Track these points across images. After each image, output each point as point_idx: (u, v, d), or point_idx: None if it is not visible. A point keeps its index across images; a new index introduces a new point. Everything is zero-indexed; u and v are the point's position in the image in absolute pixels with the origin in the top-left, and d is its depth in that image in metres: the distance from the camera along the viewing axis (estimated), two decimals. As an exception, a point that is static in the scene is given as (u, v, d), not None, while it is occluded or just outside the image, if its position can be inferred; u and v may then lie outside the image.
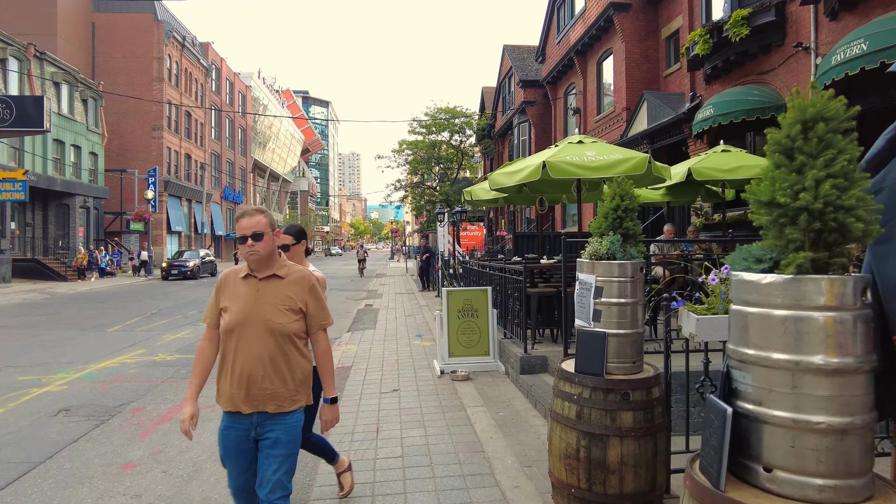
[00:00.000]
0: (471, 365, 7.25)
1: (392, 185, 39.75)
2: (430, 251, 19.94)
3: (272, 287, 2.69)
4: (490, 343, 7.32)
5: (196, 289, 23.20)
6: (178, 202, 42.96)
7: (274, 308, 2.64)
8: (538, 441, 4.79)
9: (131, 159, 38.55)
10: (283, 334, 2.64)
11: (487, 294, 7.40)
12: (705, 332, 3.26)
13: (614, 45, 17.95)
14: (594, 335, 3.21)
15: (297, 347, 2.71)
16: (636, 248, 3.33)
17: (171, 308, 16.19)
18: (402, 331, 11.10)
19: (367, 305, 15.83)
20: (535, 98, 27.17)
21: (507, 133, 32.98)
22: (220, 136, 52.63)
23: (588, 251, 3.34)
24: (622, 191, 3.42)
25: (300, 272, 2.77)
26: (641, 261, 3.33)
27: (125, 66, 38.90)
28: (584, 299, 3.32)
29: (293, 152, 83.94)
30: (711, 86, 12.57)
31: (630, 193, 3.43)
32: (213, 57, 50.67)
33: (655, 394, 3.21)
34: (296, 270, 2.77)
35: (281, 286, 2.70)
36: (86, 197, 31.18)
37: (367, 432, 5.14)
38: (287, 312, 2.66)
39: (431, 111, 36.19)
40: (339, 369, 7.82)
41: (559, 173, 6.40)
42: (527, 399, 5.99)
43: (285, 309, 2.66)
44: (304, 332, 2.74)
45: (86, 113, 32.34)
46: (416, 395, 6.32)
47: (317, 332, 2.79)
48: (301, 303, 2.71)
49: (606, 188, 4.93)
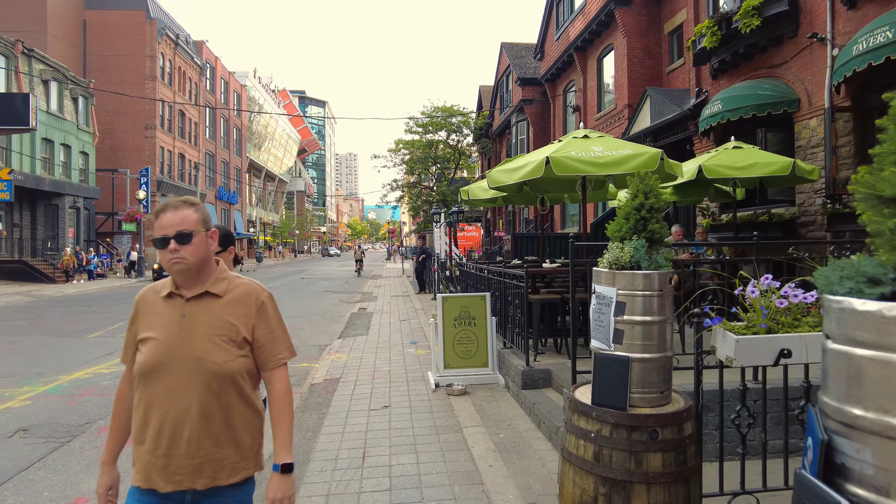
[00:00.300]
0: (468, 377, 6.73)
1: (388, 185, 39.23)
2: (427, 252, 19.42)
3: (205, 309, 1.96)
4: (489, 354, 6.79)
5: (187, 291, 22.62)
6: (172, 202, 42.32)
7: (207, 340, 1.92)
8: (543, 470, 4.27)
9: (124, 159, 37.92)
10: (222, 377, 1.92)
11: (486, 301, 6.87)
12: (746, 356, 2.74)
13: (615, 41, 17.44)
14: (615, 360, 2.68)
15: (243, 394, 1.98)
16: (664, 256, 2.81)
17: (157, 312, 15.61)
18: (396, 337, 10.57)
19: (361, 309, 15.29)
20: (534, 96, 26.66)
21: (505, 132, 32.47)
22: (214, 135, 52.03)
23: (607, 259, 2.81)
24: (646, 187, 2.89)
25: (245, 287, 2.06)
26: (670, 270, 2.80)
27: (117, 64, 38.26)
28: (602, 316, 2.79)
29: (289, 152, 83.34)
30: (718, 81, 12.06)
31: (655, 190, 2.91)
32: (207, 55, 50.05)
33: (688, 430, 2.68)
34: (239, 285, 2.06)
35: (217, 308, 1.97)
36: (76, 197, 30.57)
37: (353, 458, 4.60)
38: (226, 346, 1.94)
39: (428, 110, 35.70)
40: (327, 381, 7.28)
41: (564, 170, 5.87)
42: (529, 418, 5.46)
43: (224, 340, 1.94)
44: (252, 371, 2.02)
45: (76, 111, 31.73)
46: (409, 413, 5.79)
47: (272, 369, 2.05)
48: (247, 330, 1.99)
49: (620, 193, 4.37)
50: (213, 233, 2.06)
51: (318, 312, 15.27)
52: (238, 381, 1.96)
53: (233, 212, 56.81)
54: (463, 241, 34.68)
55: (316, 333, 11.79)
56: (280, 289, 23.41)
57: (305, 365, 8.77)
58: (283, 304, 17.02)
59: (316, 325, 12.85)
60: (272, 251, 73.51)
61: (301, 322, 13.40)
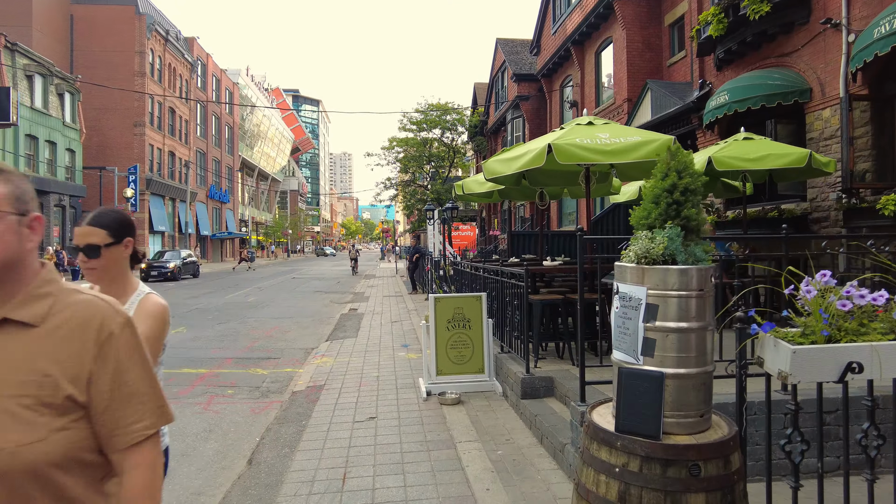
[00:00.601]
0: (462, 384, 6.20)
1: (382, 184, 38.68)
2: (420, 251, 18.89)
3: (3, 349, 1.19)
4: (485, 359, 6.26)
5: (175, 291, 22.01)
6: (161, 201, 41.63)
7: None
8: (547, 494, 3.74)
9: (112, 157, 37.23)
10: (20, 474, 1.13)
11: (481, 301, 6.34)
12: (804, 370, 2.22)
13: (614, 34, 16.96)
14: (645, 377, 2.15)
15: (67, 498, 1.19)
16: (702, 248, 2.28)
17: (140, 313, 15.01)
18: (387, 340, 10.02)
19: (352, 310, 14.74)
20: (530, 92, 26.16)
21: (500, 129, 31.96)
22: (205, 133, 51.31)
23: (634, 251, 2.28)
24: (679, 164, 2.37)
25: (83, 309, 1.27)
26: (711, 265, 2.28)
27: (105, 60, 37.54)
28: (627, 322, 2.26)
29: (283, 151, 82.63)
30: (723, 72, 11.58)
31: (690, 168, 2.39)
32: (198, 52, 49.35)
33: (735, 464, 2.16)
34: (72, 305, 1.27)
35: (25, 346, 1.20)
36: (61, 195, 29.86)
37: (332, 480, 4.07)
38: (33, 414, 1.15)
39: (422, 107, 35.18)
40: (310, 389, 6.74)
41: (567, 158, 5.35)
42: (530, 431, 4.93)
43: (28, 405, 1.15)
44: (86, 453, 1.22)
45: (62, 108, 31.02)
46: (397, 425, 5.25)
47: (123, 450, 1.25)
48: (75, 383, 1.20)
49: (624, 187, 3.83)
50: (33, 219, 1.26)
51: (306, 313, 14.71)
52: (55, 479, 1.16)
53: (224, 211, 56.11)
54: (458, 241, 34.14)
55: (303, 336, 11.23)
56: (270, 289, 22.82)
57: (289, 370, 8.22)
58: (271, 306, 16.47)
59: (303, 327, 12.29)
60: (265, 251, 72.78)
61: (288, 324, 12.83)
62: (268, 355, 9.32)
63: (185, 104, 46.37)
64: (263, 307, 16.21)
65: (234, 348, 9.95)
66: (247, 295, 20.19)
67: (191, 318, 13.95)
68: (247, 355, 9.34)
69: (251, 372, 8.14)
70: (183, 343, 10.37)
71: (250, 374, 8.03)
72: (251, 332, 11.61)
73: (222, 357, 9.16)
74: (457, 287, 10.25)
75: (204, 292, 21.38)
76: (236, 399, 6.72)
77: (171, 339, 8.81)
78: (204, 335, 11.30)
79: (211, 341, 10.60)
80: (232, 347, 10.03)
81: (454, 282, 10.62)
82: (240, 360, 8.98)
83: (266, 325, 12.71)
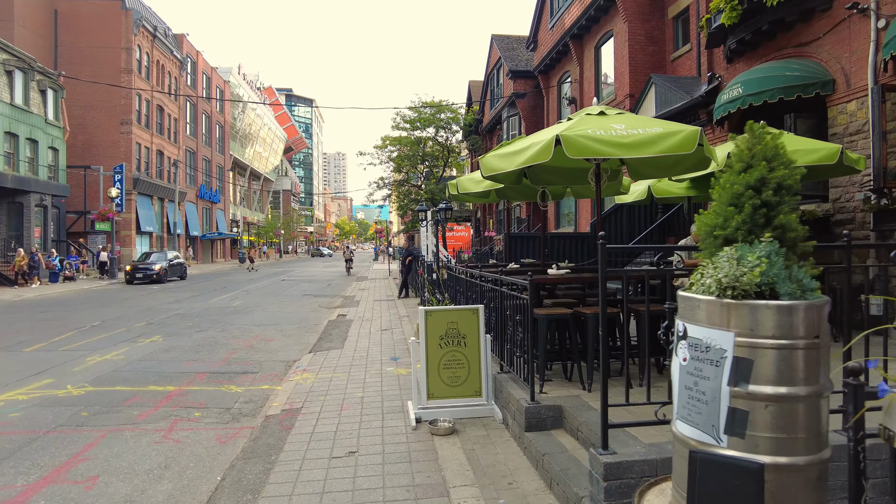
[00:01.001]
0: (457, 409, 5.46)
1: (375, 183, 37.87)
2: (413, 253, 18.14)
3: None
4: (482, 380, 5.53)
5: (158, 294, 21.18)
6: (149, 201, 40.71)
7: None
8: (563, 566, 3.02)
9: (98, 155, 36.28)
10: None
11: (478, 315, 5.61)
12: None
13: (615, 27, 16.27)
14: (735, 469, 1.43)
15: None
16: (808, 272, 1.56)
17: (117, 319, 14.22)
18: (375, 351, 9.28)
19: (340, 316, 13.98)
20: (526, 89, 25.46)
21: (496, 128, 31.26)
22: (195, 132, 50.36)
23: (713, 277, 1.55)
24: (766, 149, 1.65)
25: None
26: (825, 298, 1.55)
27: (91, 57, 36.60)
28: (702, 382, 1.54)
29: (275, 151, 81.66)
30: (734, 64, 10.90)
31: (782, 155, 1.66)
32: (188, 49, 48.40)
33: None
34: None
35: None
36: (43, 195, 28.92)
37: (297, 543, 3.33)
38: None
39: (416, 105, 34.38)
40: (285, 413, 5.99)
41: (578, 152, 4.63)
42: (537, 473, 4.20)
43: None
44: None
45: (44, 105, 30.07)
46: (381, 463, 4.51)
47: None
48: None
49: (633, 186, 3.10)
50: None
51: (292, 320, 13.93)
52: None
53: (215, 211, 55.17)
54: (452, 242, 33.42)
55: (286, 345, 10.47)
56: (257, 292, 22.02)
57: (266, 387, 7.47)
58: (256, 311, 15.68)
59: (287, 336, 11.53)
60: (257, 251, 71.82)
61: (271, 332, 12.06)
62: (245, 369, 8.56)
63: (175, 102, 45.44)
64: (248, 313, 15.42)
65: (210, 361, 9.18)
66: (232, 299, 19.39)
67: (169, 325, 13.16)
68: (223, 369, 8.57)
69: (224, 389, 7.38)
70: (155, 355, 9.60)
71: (223, 391, 7.27)
72: (231, 342, 10.84)
73: (195, 371, 8.39)
74: (451, 294, 9.51)
75: (188, 296, 20.56)
76: (203, 423, 5.97)
77: (144, 351, 8.12)
78: (180, 345, 10.52)
79: (186, 353, 9.82)
80: (208, 360, 9.26)
81: (448, 288, 9.88)
82: (214, 374, 8.22)
83: (248, 333, 11.94)
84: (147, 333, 11.92)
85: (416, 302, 16.22)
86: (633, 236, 12.94)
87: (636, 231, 12.92)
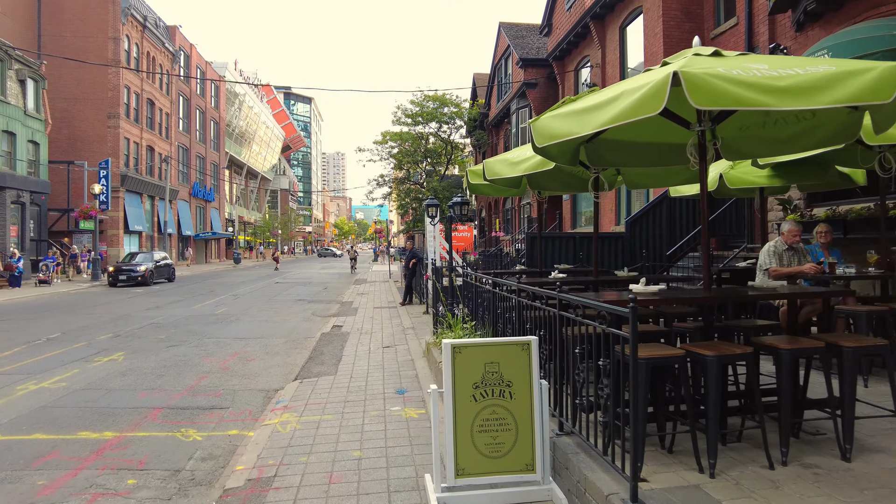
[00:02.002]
0: (500, 493, 3.70)
1: (375, 181, 36.06)
2: (417, 255, 16.38)
3: None
4: (536, 448, 3.76)
5: (139, 299, 19.40)
6: (139, 199, 38.91)
7: None
8: None
9: (84, 150, 34.51)
10: None
11: (530, 352, 3.84)
12: None
13: (644, 2, 14.53)
14: None
15: None
16: None
17: (81, 330, 12.45)
18: (376, 378, 7.50)
19: (336, 327, 12.21)
20: (537, 78, 23.72)
21: (503, 121, 29.50)
22: (188, 128, 48.55)
23: None
24: None
25: None
26: None
27: (76, 47, 34.79)
28: None
29: (273, 149, 79.90)
30: (806, 32, 9.15)
31: None
32: (180, 42, 46.60)
33: None
34: None
35: None
36: (20, 191, 27.10)
37: None
38: None
39: (418, 99, 32.59)
40: (250, 487, 4.21)
41: (708, 99, 2.87)
42: None
43: None
44: None
45: (23, 95, 28.25)
46: None
47: None
48: None
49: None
50: None
51: (280, 332, 12.16)
52: None
53: (209, 210, 53.36)
54: (455, 243, 31.68)
55: (268, 367, 8.71)
56: (247, 296, 20.23)
57: (234, 433, 5.71)
58: (241, 320, 13.90)
59: (272, 354, 9.76)
60: (253, 251, 69.99)
61: (254, 348, 10.29)
62: (213, 403, 6.79)
63: (167, 96, 43.65)
64: (231, 322, 13.65)
65: (173, 389, 7.41)
66: (217, 304, 17.60)
67: (139, 338, 11.39)
68: (185, 402, 6.81)
69: (180, 436, 5.62)
70: (107, 381, 7.82)
71: (177, 440, 5.51)
72: (204, 362, 9.07)
73: (149, 406, 6.62)
74: (469, 309, 7.74)
75: (171, 301, 18.78)
76: (133, 501, 4.20)
77: (95, 374, 5.77)
78: (142, 366, 8.75)
79: (146, 377, 8.05)
80: (170, 387, 7.49)
81: (466, 301, 8.11)
82: (172, 411, 6.45)
83: (226, 349, 10.17)
84: (109, 349, 10.15)
85: (422, 310, 14.46)
86: (676, 238, 11.18)
87: (680, 231, 11.15)
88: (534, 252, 10.79)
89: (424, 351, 8.75)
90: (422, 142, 33.55)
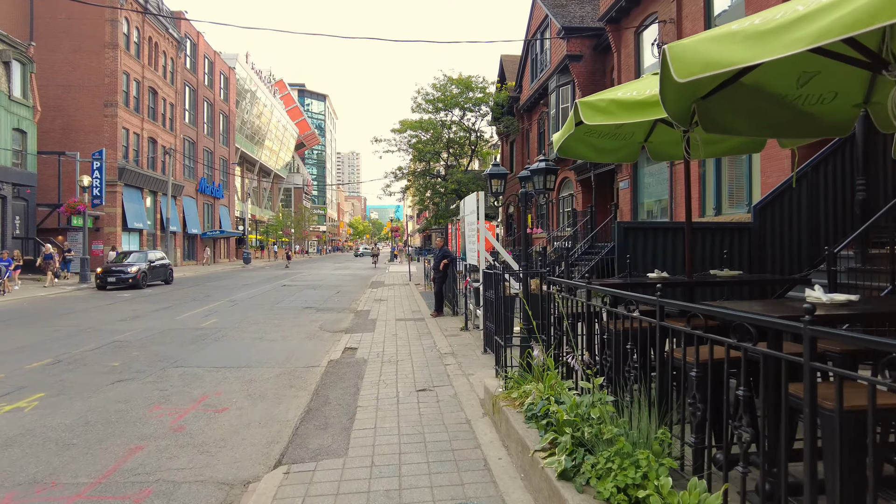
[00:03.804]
0: None
1: (392, 174, 32.96)
2: (450, 256, 13.27)
3: None
4: None
5: (119, 306, 16.50)
6: (139, 194, 36.22)
7: None
8: None
9: (78, 141, 31.88)
10: None
11: None
12: None
13: (746, -71, 11.25)
14: None
15: None
16: None
17: (14, 352, 9.53)
18: (416, 468, 4.37)
19: (348, 350, 9.12)
20: (582, 51, 20.48)
21: (539, 104, 26.28)
22: (195, 120, 45.88)
23: None
24: None
25: None
26: None
27: (71, 29, 32.24)
28: None
29: (286, 146, 77.30)
30: None
31: None
32: (186, 29, 43.94)
33: None
34: None
35: None
36: (2, 183, 24.45)
37: None
38: None
39: (441, 83, 29.44)
40: None
41: None
42: None
43: None
44: None
45: (8, 79, 25.65)
46: None
47: None
48: None
49: None
50: None
51: (274, 357, 9.09)
52: None
53: (218, 207, 50.67)
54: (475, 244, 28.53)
55: (244, 426, 5.63)
56: (245, 302, 17.23)
57: None
58: (228, 337, 10.73)
59: (254, 398, 6.68)
60: (265, 251, 67.39)
61: (232, 385, 7.22)
62: (122, 522, 3.72)
63: (171, 86, 40.99)
64: (215, 340, 10.61)
65: (70, 481, 4.36)
66: (208, 313, 14.60)
67: (83, 365, 8.40)
68: (73, 519, 3.74)
69: None
70: (-25, 456, 4.79)
71: None
72: (148, 416, 6.01)
73: (2, 531, 3.57)
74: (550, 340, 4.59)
75: (155, 308, 15.84)
76: None
77: None
78: (52, 423, 5.73)
79: (43, 448, 5.02)
80: (67, 477, 4.44)
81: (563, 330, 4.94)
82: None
83: (193, 387, 7.12)
84: (27, 387, 7.16)
85: (458, 325, 11.33)
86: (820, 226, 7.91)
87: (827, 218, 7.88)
88: (627, 249, 7.60)
89: (487, 407, 5.60)
90: (444, 130, 30.39)
